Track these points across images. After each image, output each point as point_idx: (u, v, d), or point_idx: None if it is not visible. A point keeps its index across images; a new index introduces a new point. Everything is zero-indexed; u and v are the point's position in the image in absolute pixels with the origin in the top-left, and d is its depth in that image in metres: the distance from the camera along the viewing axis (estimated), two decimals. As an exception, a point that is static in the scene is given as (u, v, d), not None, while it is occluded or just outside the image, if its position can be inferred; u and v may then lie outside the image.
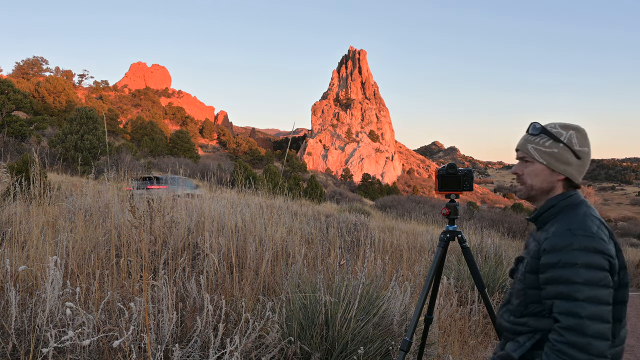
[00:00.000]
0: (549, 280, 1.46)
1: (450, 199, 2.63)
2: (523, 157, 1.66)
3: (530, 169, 1.64)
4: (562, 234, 1.46)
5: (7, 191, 6.47)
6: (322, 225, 9.10)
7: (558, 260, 1.44)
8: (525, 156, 1.65)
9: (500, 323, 1.70)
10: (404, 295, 3.74)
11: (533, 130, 1.65)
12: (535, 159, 1.62)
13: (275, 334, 2.98)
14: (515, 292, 1.64)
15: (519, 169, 1.67)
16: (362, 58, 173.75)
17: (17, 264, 3.41)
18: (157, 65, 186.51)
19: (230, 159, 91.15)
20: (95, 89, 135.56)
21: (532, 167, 1.64)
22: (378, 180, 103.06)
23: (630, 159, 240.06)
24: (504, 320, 1.68)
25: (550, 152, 1.61)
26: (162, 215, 4.64)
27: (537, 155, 1.62)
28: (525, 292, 1.57)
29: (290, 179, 38.66)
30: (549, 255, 1.46)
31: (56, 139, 29.90)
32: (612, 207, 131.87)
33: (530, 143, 1.64)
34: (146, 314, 2.44)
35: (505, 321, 1.67)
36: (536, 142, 1.63)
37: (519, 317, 1.60)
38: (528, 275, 1.55)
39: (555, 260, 1.44)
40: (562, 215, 1.58)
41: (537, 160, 1.62)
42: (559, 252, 1.44)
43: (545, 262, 1.47)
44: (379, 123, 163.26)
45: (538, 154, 1.62)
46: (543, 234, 1.57)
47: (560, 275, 1.43)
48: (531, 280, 1.54)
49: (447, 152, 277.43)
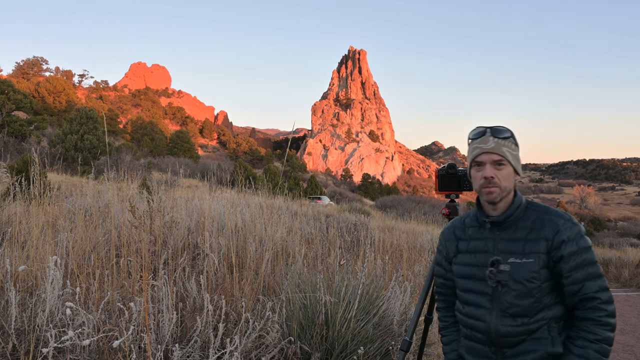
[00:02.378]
0: (574, 267, 1.60)
1: (450, 199, 2.63)
2: (499, 160, 1.68)
3: (504, 171, 1.68)
4: (568, 225, 1.64)
5: (7, 191, 6.47)
6: (322, 225, 9.10)
7: (578, 247, 1.61)
8: (501, 159, 1.68)
9: (508, 330, 1.63)
10: (404, 295, 3.74)
11: (504, 134, 1.70)
12: (509, 161, 1.69)
13: (275, 334, 2.98)
14: (520, 293, 1.62)
15: (492, 172, 1.67)
16: (362, 58, 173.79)
17: (17, 264, 3.41)
18: (157, 65, 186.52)
19: (230, 159, 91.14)
20: (95, 89, 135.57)
21: (507, 169, 1.69)
22: (378, 180, 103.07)
23: (630, 159, 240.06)
24: (511, 327, 1.63)
25: (515, 154, 1.72)
26: (162, 215, 4.64)
27: (510, 158, 1.69)
28: (541, 287, 1.62)
29: (290, 179, 38.63)
30: (567, 245, 1.61)
31: (56, 139, 29.92)
32: (612, 207, 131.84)
33: (503, 147, 1.69)
34: (146, 314, 2.44)
35: (514, 326, 1.63)
36: (507, 145, 1.70)
37: (535, 315, 1.62)
38: (542, 271, 1.62)
39: (575, 248, 1.61)
40: (530, 211, 1.71)
41: (510, 163, 1.69)
42: (575, 240, 1.62)
43: (568, 252, 1.60)
44: (379, 123, 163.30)
45: (511, 157, 1.69)
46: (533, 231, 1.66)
47: (583, 259, 1.60)
48: (545, 275, 1.63)
49: (447, 152, 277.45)
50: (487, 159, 1.69)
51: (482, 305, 1.70)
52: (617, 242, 29.11)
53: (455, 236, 1.86)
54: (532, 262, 1.62)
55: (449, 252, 1.87)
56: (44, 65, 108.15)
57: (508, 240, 1.68)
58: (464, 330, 1.81)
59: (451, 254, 1.86)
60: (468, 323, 1.76)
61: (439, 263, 1.94)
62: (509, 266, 1.64)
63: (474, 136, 1.75)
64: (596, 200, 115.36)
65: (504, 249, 1.67)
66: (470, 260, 1.76)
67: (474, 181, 1.74)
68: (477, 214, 1.79)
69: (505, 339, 1.65)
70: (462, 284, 1.79)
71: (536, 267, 1.61)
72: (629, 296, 10.08)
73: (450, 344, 1.93)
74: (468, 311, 1.75)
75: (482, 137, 1.72)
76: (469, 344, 1.78)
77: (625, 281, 12.62)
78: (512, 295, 1.63)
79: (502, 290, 1.65)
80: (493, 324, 1.67)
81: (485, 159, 1.69)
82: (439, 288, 1.96)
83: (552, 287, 1.64)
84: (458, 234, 1.85)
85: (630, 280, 12.56)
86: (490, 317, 1.67)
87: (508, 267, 1.64)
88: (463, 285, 1.78)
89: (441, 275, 1.93)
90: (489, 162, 1.68)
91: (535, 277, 1.61)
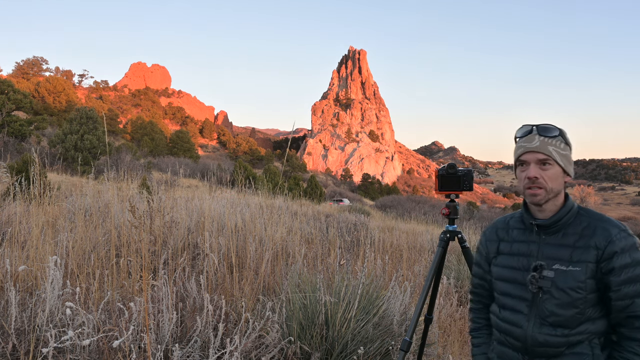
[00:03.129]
0: (626, 281, 1.49)
1: (450, 199, 2.63)
2: (545, 159, 1.59)
3: (551, 172, 1.59)
4: (623, 235, 1.53)
5: (7, 191, 6.48)
6: (322, 225, 9.10)
7: (632, 260, 1.50)
8: (547, 158, 1.59)
9: (546, 340, 1.56)
10: (403, 295, 3.74)
11: (550, 132, 1.61)
12: (557, 161, 1.60)
13: (275, 334, 2.98)
14: (562, 303, 1.54)
15: (537, 172, 1.59)
16: (362, 58, 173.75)
17: (17, 264, 3.41)
18: (157, 65, 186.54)
19: (230, 159, 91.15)
20: (95, 89, 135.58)
21: (553, 169, 1.59)
22: (378, 180, 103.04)
23: (630, 159, 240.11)
24: (549, 336, 1.56)
25: (565, 154, 1.62)
26: (162, 215, 4.64)
27: (558, 157, 1.60)
28: (586, 298, 1.53)
29: (290, 179, 38.62)
30: (621, 257, 1.50)
31: (56, 139, 29.91)
32: (612, 207, 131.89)
33: (550, 145, 1.60)
34: (146, 314, 2.44)
35: (552, 336, 1.56)
36: (555, 144, 1.60)
37: (577, 327, 1.54)
38: (589, 281, 1.53)
39: (628, 260, 1.50)
40: (582, 217, 1.61)
41: (558, 163, 1.60)
42: (629, 252, 1.51)
43: (620, 264, 1.50)
44: (379, 123, 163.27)
45: (559, 156, 1.60)
46: (583, 238, 1.57)
47: (637, 274, 1.49)
48: (591, 285, 1.53)
49: (447, 152, 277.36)
50: (531, 158, 1.61)
51: (520, 310, 1.63)
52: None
53: (498, 237, 1.78)
54: (579, 271, 1.53)
55: (490, 252, 1.80)
56: (44, 65, 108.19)
57: (554, 245, 1.60)
58: (497, 334, 1.74)
59: (491, 255, 1.79)
60: (503, 328, 1.68)
61: (477, 263, 1.88)
62: (553, 272, 1.56)
63: (520, 134, 1.67)
64: (596, 200, 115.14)
65: (550, 255, 1.59)
66: (512, 262, 1.68)
67: (519, 181, 1.66)
68: (523, 216, 1.71)
69: (542, 349, 1.58)
70: (501, 287, 1.72)
71: (583, 277, 1.52)
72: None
73: (480, 346, 1.87)
74: (504, 316, 1.68)
75: (528, 135, 1.64)
76: (501, 349, 1.71)
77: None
78: (554, 304, 1.55)
79: (543, 297, 1.57)
80: (530, 331, 1.59)
81: (530, 158, 1.61)
82: (475, 289, 1.90)
83: (598, 299, 1.54)
84: (501, 235, 1.77)
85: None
86: (528, 324, 1.60)
87: (552, 273, 1.56)
88: (501, 288, 1.71)
89: (479, 276, 1.87)
90: (533, 161, 1.60)
91: (581, 287, 1.52)
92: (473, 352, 1.90)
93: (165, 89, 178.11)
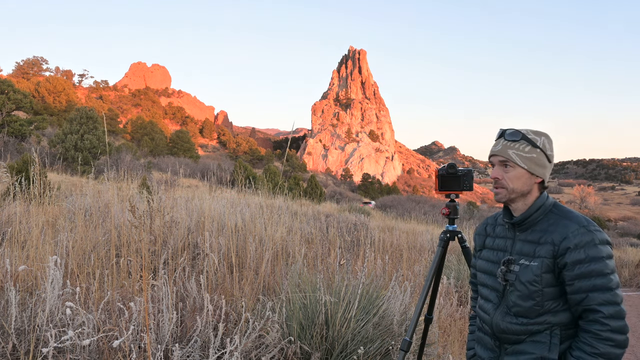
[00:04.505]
0: (579, 275, 1.57)
1: (450, 198, 2.62)
2: (504, 161, 1.72)
3: (512, 173, 1.72)
4: (580, 232, 1.59)
5: (7, 191, 6.48)
6: (322, 225, 9.10)
7: (585, 255, 1.57)
8: (506, 161, 1.72)
9: (507, 327, 1.70)
10: (404, 295, 3.74)
11: (512, 137, 1.73)
12: (517, 163, 1.71)
13: (275, 333, 2.98)
14: (522, 295, 1.66)
15: (499, 173, 1.74)
16: (362, 58, 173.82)
17: (17, 263, 3.41)
18: (157, 65, 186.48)
19: (230, 158, 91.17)
20: (95, 89, 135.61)
21: (514, 171, 1.71)
22: (378, 180, 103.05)
23: (630, 159, 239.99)
24: (510, 324, 1.70)
25: (530, 157, 1.71)
26: (162, 215, 4.64)
27: (518, 160, 1.71)
28: (542, 291, 1.63)
29: (290, 178, 38.63)
30: (574, 253, 1.58)
31: (56, 138, 29.93)
32: (612, 207, 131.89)
33: (510, 149, 1.72)
34: (146, 313, 2.44)
35: (513, 324, 1.69)
36: (516, 147, 1.72)
37: (536, 317, 1.65)
38: (545, 275, 1.63)
39: (582, 256, 1.57)
40: (552, 214, 1.70)
41: (519, 165, 1.71)
42: (584, 248, 1.57)
43: (573, 260, 1.58)
44: (379, 123, 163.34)
45: (520, 159, 1.71)
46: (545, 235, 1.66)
47: (592, 269, 1.55)
48: (548, 279, 1.63)
49: (447, 152, 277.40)
50: (495, 160, 1.77)
51: (491, 300, 1.79)
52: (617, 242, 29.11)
53: (486, 232, 1.93)
54: (536, 266, 1.64)
55: (477, 246, 1.97)
56: (44, 65, 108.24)
57: (524, 241, 1.72)
58: (478, 322, 1.91)
59: (477, 248, 1.97)
60: (480, 315, 1.86)
61: (473, 255, 2.05)
62: (518, 267, 1.68)
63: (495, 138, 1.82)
64: (596, 200, 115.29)
65: (519, 250, 1.72)
66: (490, 256, 1.84)
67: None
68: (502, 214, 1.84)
69: (504, 335, 1.72)
70: (480, 278, 1.89)
71: (538, 271, 1.63)
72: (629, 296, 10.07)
73: (473, 333, 2.03)
74: (481, 304, 1.86)
75: (497, 139, 1.79)
76: (479, 335, 1.88)
77: (625, 281, 12.63)
78: (516, 296, 1.68)
79: (509, 289, 1.71)
80: (495, 318, 1.75)
81: (494, 160, 1.77)
82: (472, 279, 2.06)
83: (558, 293, 1.64)
84: (488, 230, 1.92)
85: (630, 280, 12.58)
86: (495, 312, 1.76)
87: (518, 268, 1.68)
88: (481, 279, 1.89)
89: (473, 267, 2.03)
90: (497, 163, 1.76)
91: (537, 280, 1.63)
92: (467, 338, 2.09)
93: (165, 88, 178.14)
